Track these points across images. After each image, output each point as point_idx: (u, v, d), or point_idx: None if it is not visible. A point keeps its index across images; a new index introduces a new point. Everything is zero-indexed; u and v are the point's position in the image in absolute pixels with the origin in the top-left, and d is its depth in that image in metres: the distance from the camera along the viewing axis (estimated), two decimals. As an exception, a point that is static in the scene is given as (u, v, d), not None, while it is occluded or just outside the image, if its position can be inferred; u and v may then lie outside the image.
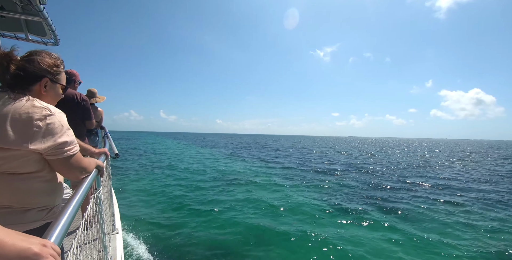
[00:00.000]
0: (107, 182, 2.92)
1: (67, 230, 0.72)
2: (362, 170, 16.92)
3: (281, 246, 5.42)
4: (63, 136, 0.96)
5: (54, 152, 0.95)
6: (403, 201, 9.19)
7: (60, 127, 0.95)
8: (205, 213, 7.45)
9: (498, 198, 9.90)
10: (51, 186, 1.03)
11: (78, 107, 2.67)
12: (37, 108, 0.91)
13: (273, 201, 8.64)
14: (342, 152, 35.58)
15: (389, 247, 5.54)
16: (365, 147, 54.68)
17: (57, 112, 0.97)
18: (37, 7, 2.37)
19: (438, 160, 25.63)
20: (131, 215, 7.11)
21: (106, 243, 1.91)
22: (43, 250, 0.54)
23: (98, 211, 1.66)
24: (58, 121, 0.95)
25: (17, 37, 3.31)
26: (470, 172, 17.41)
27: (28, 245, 0.53)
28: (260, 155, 26.76)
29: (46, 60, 1.04)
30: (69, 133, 1.00)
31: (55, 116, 0.95)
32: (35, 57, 1.02)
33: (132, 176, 13.14)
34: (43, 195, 0.99)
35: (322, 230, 6.28)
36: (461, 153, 38.59)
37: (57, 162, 0.98)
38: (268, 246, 5.45)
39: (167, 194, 9.61)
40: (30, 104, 0.91)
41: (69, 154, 1.00)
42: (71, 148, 1.00)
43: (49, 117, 0.92)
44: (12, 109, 0.87)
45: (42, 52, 1.06)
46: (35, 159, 0.93)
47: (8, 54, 0.93)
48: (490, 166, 21.16)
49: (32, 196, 0.96)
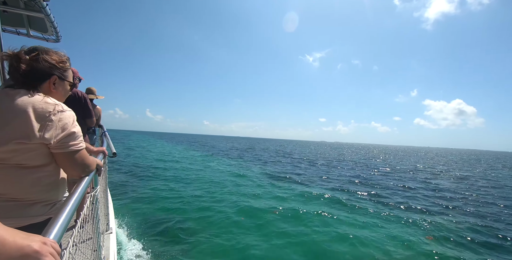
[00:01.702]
0: (103, 181, 2.90)
1: (66, 227, 0.72)
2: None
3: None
4: (71, 130, 1.00)
5: (61, 145, 0.98)
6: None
7: (70, 123, 1.00)
8: (203, 215, 7.41)
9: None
10: (56, 181, 1.06)
11: (79, 105, 2.67)
12: (50, 104, 0.96)
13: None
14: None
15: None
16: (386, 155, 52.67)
17: (68, 110, 1.02)
18: (40, 4, 2.36)
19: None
20: (125, 215, 7.05)
21: (101, 242, 1.89)
22: (43, 248, 0.55)
23: (94, 210, 1.65)
24: (69, 117, 1.00)
25: (19, 33, 3.30)
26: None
27: (28, 243, 0.53)
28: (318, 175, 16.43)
29: (53, 58, 1.07)
30: (77, 128, 1.04)
31: (66, 113, 1.00)
32: (44, 56, 1.04)
33: (127, 175, 13.04)
34: (49, 189, 1.02)
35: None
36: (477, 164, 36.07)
37: (62, 156, 1.01)
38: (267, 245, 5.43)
39: (164, 195, 9.54)
40: (43, 101, 0.96)
41: (75, 149, 1.03)
42: (77, 143, 1.04)
43: (61, 113, 0.97)
44: (27, 103, 0.91)
45: (49, 51, 1.08)
46: (44, 153, 0.97)
47: (18, 54, 0.98)
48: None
49: (39, 190, 0.99)
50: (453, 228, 7.26)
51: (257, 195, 9.87)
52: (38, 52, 1.04)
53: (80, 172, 1.11)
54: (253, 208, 8.11)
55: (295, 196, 10.12)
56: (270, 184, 12.39)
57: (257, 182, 12.73)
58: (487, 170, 26.52)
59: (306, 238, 6.10)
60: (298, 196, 10.17)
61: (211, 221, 6.90)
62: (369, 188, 12.52)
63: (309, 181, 13.73)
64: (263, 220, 7.13)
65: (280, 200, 9.42)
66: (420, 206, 9.42)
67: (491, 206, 10.15)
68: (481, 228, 7.42)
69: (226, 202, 8.71)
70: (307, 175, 15.99)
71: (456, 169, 25.52)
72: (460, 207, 9.63)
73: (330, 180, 14.47)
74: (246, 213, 7.69)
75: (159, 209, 7.80)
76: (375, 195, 11.04)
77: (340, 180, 14.66)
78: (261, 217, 7.34)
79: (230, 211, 7.78)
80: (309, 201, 9.54)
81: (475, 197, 11.62)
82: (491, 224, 7.76)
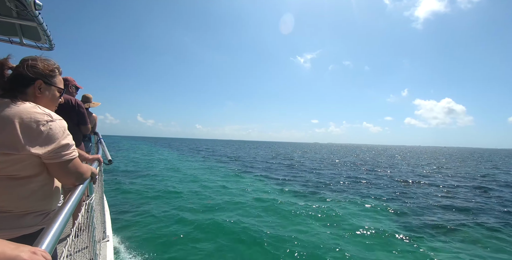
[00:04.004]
0: (99, 189, 2.88)
1: (58, 237, 0.71)
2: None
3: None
4: (63, 140, 0.98)
5: (53, 155, 0.96)
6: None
7: (60, 133, 0.97)
8: (201, 222, 7.35)
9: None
10: (49, 190, 1.05)
11: (73, 112, 2.65)
12: (39, 114, 0.93)
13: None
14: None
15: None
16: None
17: (58, 119, 1.00)
18: (32, 13, 2.36)
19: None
20: (122, 223, 6.96)
21: (97, 251, 1.87)
22: (33, 257, 0.54)
23: (90, 218, 1.63)
24: (59, 127, 0.98)
25: (12, 41, 3.28)
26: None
27: (18, 253, 0.53)
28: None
29: (39, 64, 1.07)
30: (69, 138, 1.02)
31: (56, 123, 0.97)
32: (29, 62, 1.05)
33: (125, 182, 12.90)
34: (41, 198, 1.00)
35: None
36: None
37: (55, 166, 0.99)
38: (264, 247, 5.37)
39: (164, 203, 9.45)
40: (32, 110, 0.92)
41: (67, 158, 1.01)
42: (70, 152, 1.02)
43: (51, 123, 0.94)
44: (14, 114, 0.88)
45: (37, 58, 1.09)
46: (35, 163, 0.95)
47: (2, 62, 0.98)
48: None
49: (31, 200, 0.97)
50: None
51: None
52: (24, 60, 1.05)
53: (74, 181, 1.10)
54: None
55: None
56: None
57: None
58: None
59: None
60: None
61: (211, 229, 6.84)
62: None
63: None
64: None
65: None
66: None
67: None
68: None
69: (225, 211, 8.62)
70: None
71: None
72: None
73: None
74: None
75: (158, 217, 7.71)
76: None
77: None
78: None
79: (228, 220, 7.73)
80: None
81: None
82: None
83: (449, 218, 8.16)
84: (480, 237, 6.73)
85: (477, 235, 6.84)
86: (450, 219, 8.06)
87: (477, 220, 7.96)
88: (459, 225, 7.46)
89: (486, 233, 7.00)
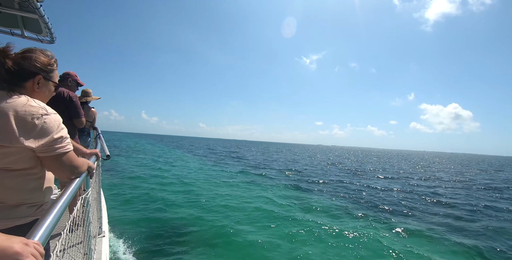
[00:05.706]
0: (96, 184, 2.86)
1: (52, 229, 0.70)
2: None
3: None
4: (56, 134, 0.98)
5: (47, 149, 0.96)
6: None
7: (55, 126, 0.97)
8: (204, 220, 7.32)
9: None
10: (42, 183, 1.05)
11: (64, 105, 2.59)
12: (34, 107, 0.93)
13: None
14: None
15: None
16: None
17: (53, 113, 0.99)
18: (34, 5, 2.35)
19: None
20: (119, 218, 6.95)
21: (92, 246, 1.85)
22: (24, 249, 0.54)
23: (85, 213, 1.62)
24: (54, 121, 0.98)
25: (13, 33, 3.27)
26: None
27: (9, 244, 0.52)
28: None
29: (40, 58, 1.05)
30: (63, 131, 1.02)
31: (50, 116, 0.97)
32: (30, 55, 1.03)
33: (125, 177, 12.88)
34: (34, 191, 1.01)
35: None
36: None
37: (49, 159, 0.99)
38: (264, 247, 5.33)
39: (163, 199, 9.43)
40: (27, 104, 0.92)
41: (61, 151, 1.00)
42: (63, 146, 1.01)
43: (45, 117, 0.94)
44: (9, 107, 0.88)
45: (37, 50, 1.07)
46: (28, 156, 0.95)
47: (4, 49, 0.95)
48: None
49: (24, 192, 0.97)
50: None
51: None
52: (26, 51, 1.03)
53: (69, 174, 1.09)
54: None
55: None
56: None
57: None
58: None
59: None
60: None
61: (207, 228, 6.82)
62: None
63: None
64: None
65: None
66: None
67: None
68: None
69: (222, 209, 8.60)
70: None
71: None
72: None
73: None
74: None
75: (155, 214, 7.72)
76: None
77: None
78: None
79: (226, 219, 7.72)
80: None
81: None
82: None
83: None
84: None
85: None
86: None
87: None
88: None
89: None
